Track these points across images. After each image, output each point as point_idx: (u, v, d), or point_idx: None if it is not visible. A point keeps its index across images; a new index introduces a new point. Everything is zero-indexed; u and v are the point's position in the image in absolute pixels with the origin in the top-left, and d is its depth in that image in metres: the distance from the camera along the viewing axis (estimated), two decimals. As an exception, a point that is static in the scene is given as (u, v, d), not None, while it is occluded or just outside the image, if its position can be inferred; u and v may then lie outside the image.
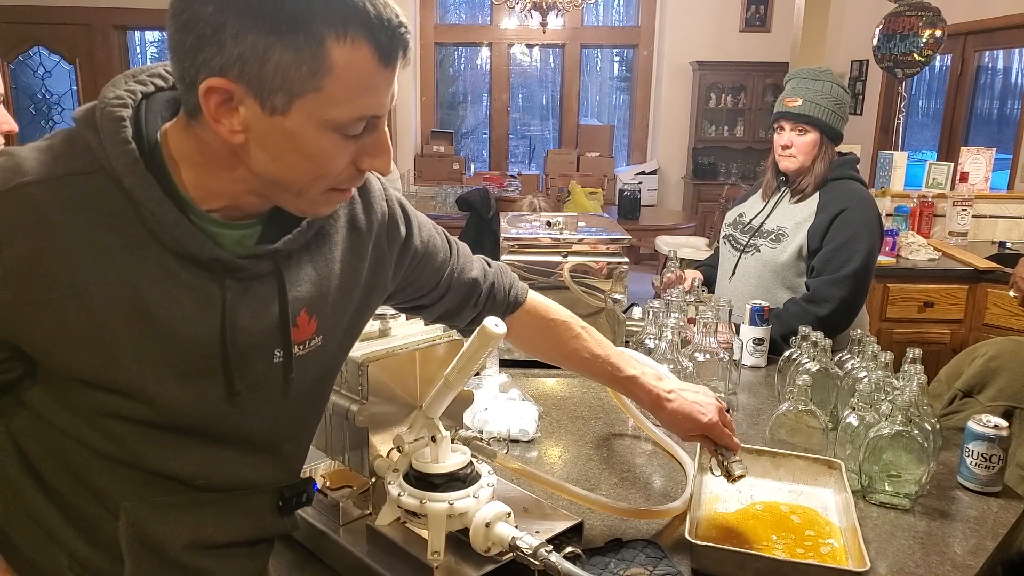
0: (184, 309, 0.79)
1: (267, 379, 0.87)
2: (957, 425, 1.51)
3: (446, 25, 7.66)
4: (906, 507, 1.28)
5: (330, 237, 0.92)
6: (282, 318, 0.86)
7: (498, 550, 0.94)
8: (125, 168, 0.75)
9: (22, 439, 0.84)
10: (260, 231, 0.86)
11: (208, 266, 0.80)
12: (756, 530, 1.18)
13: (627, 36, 7.65)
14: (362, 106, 0.75)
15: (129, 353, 0.77)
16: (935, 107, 5.80)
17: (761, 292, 2.17)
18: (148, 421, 0.80)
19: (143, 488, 0.83)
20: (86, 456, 0.82)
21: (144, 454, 0.82)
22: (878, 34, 4.16)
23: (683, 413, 1.19)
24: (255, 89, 0.72)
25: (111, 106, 0.77)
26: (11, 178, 0.73)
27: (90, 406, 0.80)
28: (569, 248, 1.96)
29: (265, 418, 0.89)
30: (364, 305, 0.99)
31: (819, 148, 2.15)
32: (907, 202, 3.74)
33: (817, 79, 2.14)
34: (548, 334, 1.22)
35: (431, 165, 7.16)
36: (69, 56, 6.83)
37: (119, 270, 0.76)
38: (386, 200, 1.01)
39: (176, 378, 0.80)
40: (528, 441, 1.50)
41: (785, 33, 6.37)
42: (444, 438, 1.00)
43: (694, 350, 1.68)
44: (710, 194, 6.85)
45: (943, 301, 3.30)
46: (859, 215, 2.09)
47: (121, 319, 0.76)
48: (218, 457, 0.86)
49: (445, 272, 1.12)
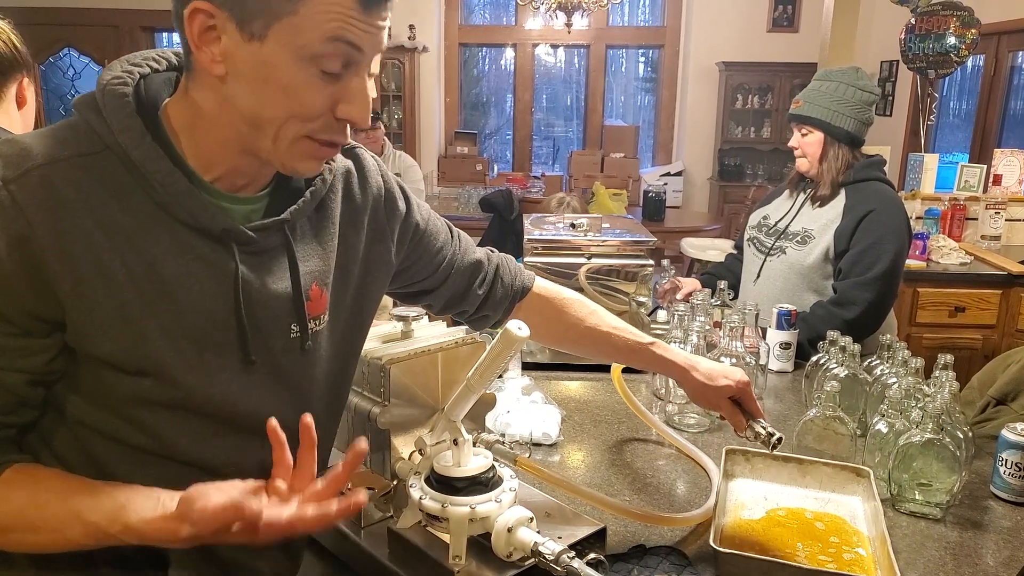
0: (201, 283, 0.80)
1: (286, 356, 0.88)
2: (990, 433, 1.48)
3: (471, 26, 7.67)
4: (937, 516, 1.25)
5: (330, 211, 0.93)
6: (295, 291, 0.87)
7: (520, 555, 0.93)
8: (132, 141, 0.77)
9: (54, 442, 0.84)
10: (265, 207, 0.87)
11: (221, 238, 0.81)
12: (782, 538, 1.16)
13: (653, 36, 7.61)
14: (335, 36, 0.75)
15: (154, 331, 0.78)
16: (967, 108, 5.69)
17: (787, 295, 2.15)
18: (177, 405, 0.81)
19: (178, 485, 0.83)
20: (120, 454, 0.82)
21: (176, 443, 0.83)
22: (907, 34, 4.10)
23: (717, 371, 1.20)
24: (236, 13, 0.73)
25: (112, 84, 0.79)
26: (22, 162, 0.74)
27: (122, 395, 0.80)
28: (593, 250, 1.94)
29: (286, 400, 0.89)
30: (366, 281, 0.99)
31: (824, 148, 2.14)
32: (938, 205, 3.68)
33: (826, 79, 2.15)
34: (564, 314, 1.22)
35: (454, 166, 7.18)
36: (98, 57, 6.94)
37: (136, 247, 0.77)
38: (382, 176, 1.03)
39: (196, 354, 0.81)
40: (551, 445, 1.49)
41: (813, 33, 6.30)
42: (466, 441, 0.99)
43: (720, 354, 1.66)
44: (736, 196, 6.79)
45: (975, 306, 3.24)
46: (886, 216, 2.05)
47: (143, 296, 0.77)
48: (247, 444, 0.87)
49: (448, 253, 1.13)
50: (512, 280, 1.19)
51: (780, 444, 1.16)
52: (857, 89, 2.11)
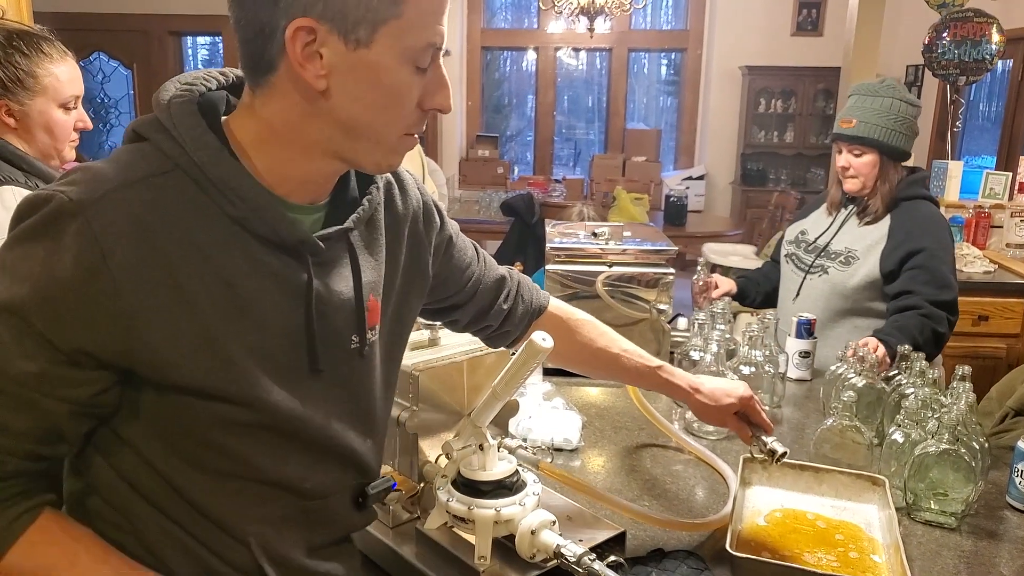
0: (274, 299, 0.80)
1: (348, 367, 0.89)
2: (1007, 444, 1.49)
3: (493, 29, 7.71)
4: (952, 526, 1.27)
5: (377, 222, 0.93)
6: (357, 301, 0.88)
7: (543, 557, 0.97)
8: (211, 158, 0.76)
9: (135, 478, 0.82)
10: (324, 217, 0.87)
11: (295, 250, 0.81)
12: (797, 544, 1.18)
13: (675, 40, 7.60)
14: (433, 33, 0.77)
15: (239, 352, 0.77)
16: (996, 110, 5.64)
17: (829, 314, 2.11)
18: (259, 425, 0.81)
19: (258, 507, 0.85)
20: (201, 481, 0.81)
21: (259, 464, 0.83)
22: (939, 39, 4.08)
23: (720, 391, 1.24)
24: (338, 24, 0.74)
25: (179, 99, 0.78)
26: (98, 186, 0.73)
27: (205, 422, 0.79)
28: (613, 258, 1.97)
29: (351, 411, 0.91)
30: (407, 293, 1.00)
31: (880, 168, 2.07)
32: (962, 212, 3.66)
33: (876, 95, 2.06)
34: (576, 334, 1.24)
35: (475, 169, 7.21)
36: (127, 61, 7.08)
37: (213, 267, 0.76)
38: (418, 189, 1.04)
39: (274, 371, 0.81)
40: (572, 450, 1.52)
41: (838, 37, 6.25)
42: (491, 447, 1.03)
43: (739, 362, 1.68)
44: (759, 200, 6.76)
45: (998, 315, 3.22)
46: (939, 251, 2.01)
47: (225, 318, 0.77)
48: (320, 459, 0.88)
49: (475, 268, 1.14)
50: (531, 298, 1.21)
51: (784, 459, 1.19)
52: (906, 104, 2.05)
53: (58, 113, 1.56)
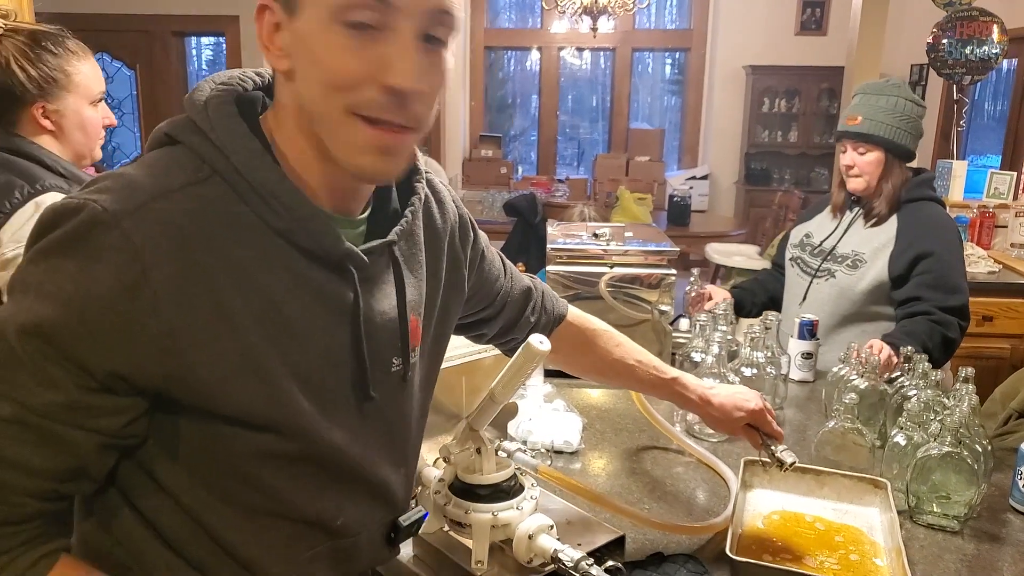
0: (318, 318, 0.74)
1: (388, 392, 0.83)
2: (1011, 446, 1.48)
3: (496, 29, 7.71)
4: (955, 529, 1.26)
5: (416, 237, 0.88)
6: (401, 321, 0.82)
7: (540, 561, 0.96)
8: (252, 164, 0.70)
9: (155, 515, 0.76)
10: (365, 232, 0.82)
11: (340, 265, 0.75)
12: (800, 547, 1.17)
13: (679, 39, 7.58)
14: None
15: (284, 378, 0.71)
16: (1001, 110, 5.62)
17: (836, 319, 2.10)
18: (298, 457, 0.76)
19: (286, 547, 0.80)
20: (230, 518, 0.76)
21: (294, 499, 0.78)
22: (944, 38, 4.07)
23: (732, 403, 1.22)
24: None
25: (217, 99, 0.72)
26: (134, 195, 0.66)
27: (241, 454, 0.73)
28: (615, 259, 1.96)
29: (388, 441, 0.86)
30: (446, 310, 0.96)
31: (885, 167, 2.05)
32: (966, 212, 3.65)
33: (882, 94, 2.04)
34: (594, 345, 1.23)
35: (479, 169, 7.21)
36: (130, 62, 7.08)
37: (256, 284, 0.70)
38: (455, 203, 1.00)
39: (317, 398, 0.75)
40: (572, 453, 1.51)
41: (842, 37, 6.23)
42: (489, 450, 1.02)
43: (741, 364, 1.68)
44: (763, 200, 6.74)
45: (1003, 315, 3.21)
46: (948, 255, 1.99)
47: (270, 340, 0.71)
48: (352, 493, 0.84)
49: (504, 280, 1.12)
50: (553, 307, 1.18)
51: (792, 467, 1.18)
52: (912, 103, 2.04)
53: (89, 111, 1.55)
